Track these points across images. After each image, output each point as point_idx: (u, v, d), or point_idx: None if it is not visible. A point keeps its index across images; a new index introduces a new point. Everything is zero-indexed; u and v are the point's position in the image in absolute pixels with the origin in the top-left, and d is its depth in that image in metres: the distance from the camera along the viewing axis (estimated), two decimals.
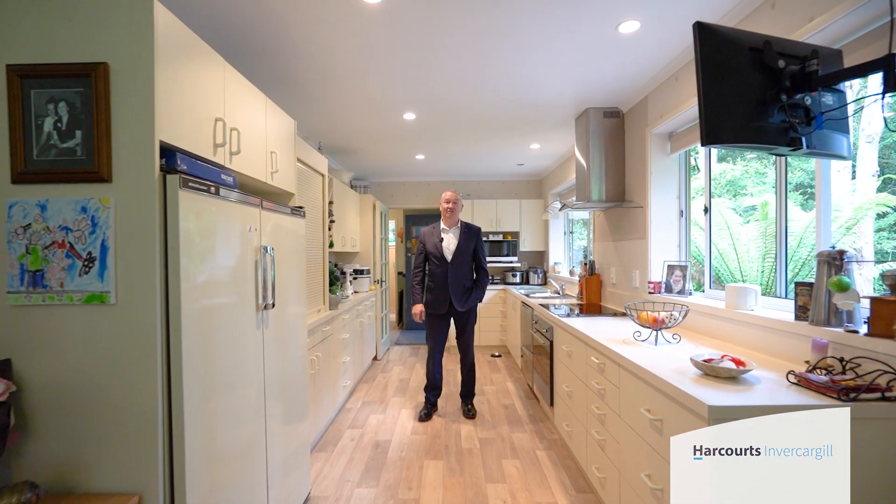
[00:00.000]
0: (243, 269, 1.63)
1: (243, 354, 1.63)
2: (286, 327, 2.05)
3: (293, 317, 2.16)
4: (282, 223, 2.02)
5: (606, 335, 2.27)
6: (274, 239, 1.91)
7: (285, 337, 2.04)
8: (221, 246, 1.49)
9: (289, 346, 2.09)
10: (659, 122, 2.70)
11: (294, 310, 2.17)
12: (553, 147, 4.51)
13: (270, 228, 1.88)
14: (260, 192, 2.18)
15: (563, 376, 2.78)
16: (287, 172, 2.24)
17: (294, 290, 2.17)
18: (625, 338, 2.17)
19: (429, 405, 3.51)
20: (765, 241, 4.35)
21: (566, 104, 3.27)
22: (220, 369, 1.47)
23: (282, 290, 1.98)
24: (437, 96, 3.08)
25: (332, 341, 3.27)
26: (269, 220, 1.86)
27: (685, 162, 2.81)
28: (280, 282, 1.96)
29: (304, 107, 3.26)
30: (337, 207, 4.16)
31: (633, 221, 3.08)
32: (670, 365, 1.68)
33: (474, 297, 3.42)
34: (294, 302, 2.17)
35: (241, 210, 1.62)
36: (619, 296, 3.33)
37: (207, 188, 1.39)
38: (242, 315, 1.62)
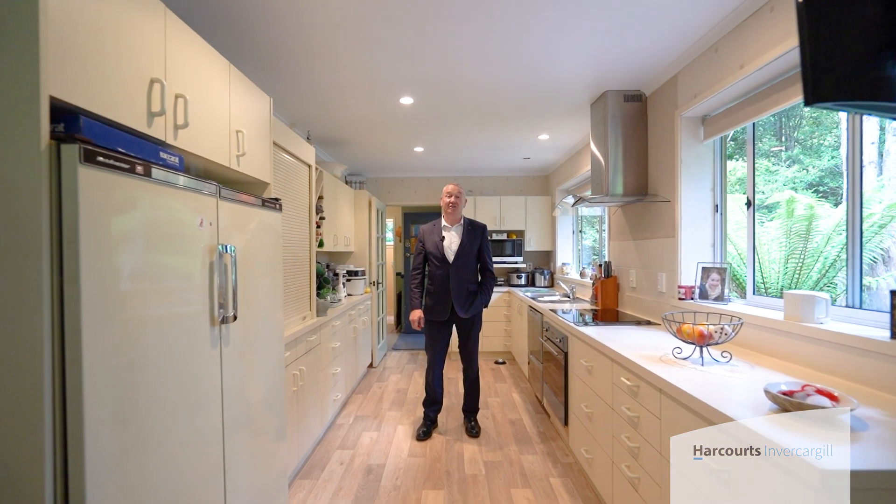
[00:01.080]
0: (191, 274, 1.28)
1: (192, 381, 1.29)
2: (255, 342, 1.70)
3: (266, 329, 1.81)
4: (250, 217, 1.67)
5: (636, 349, 1.92)
6: (238, 236, 1.56)
7: (254, 353, 1.69)
8: (155, 243, 1.14)
9: (259, 364, 1.74)
10: (692, 103, 2.35)
11: (267, 320, 1.82)
12: (563, 138, 4.16)
13: (233, 223, 1.53)
14: (224, 181, 1.83)
15: (581, 394, 2.44)
16: (259, 158, 1.89)
17: (267, 298, 1.82)
18: (661, 354, 1.82)
19: (428, 422, 3.16)
20: (789, 240, 3.99)
21: (581, 86, 2.92)
22: (152, 404, 1.12)
23: (249, 298, 1.64)
24: (437, 76, 2.74)
25: (319, 352, 2.92)
26: (231, 212, 1.52)
27: (720, 149, 2.46)
28: (247, 288, 1.61)
29: (287, 87, 2.91)
30: (328, 203, 3.81)
31: (659, 218, 2.73)
32: (730, 394, 1.33)
33: (479, 302, 3.07)
34: (267, 311, 1.82)
35: (187, 199, 1.27)
36: (640, 301, 2.98)
37: (131, 166, 1.04)
38: (190, 331, 1.28)
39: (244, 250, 1.62)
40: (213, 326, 1.39)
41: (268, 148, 1.99)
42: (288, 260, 2.50)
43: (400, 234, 7.62)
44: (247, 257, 1.65)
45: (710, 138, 2.42)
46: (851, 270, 1.62)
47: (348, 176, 5.73)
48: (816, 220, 3.88)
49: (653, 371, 1.58)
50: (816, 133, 4.39)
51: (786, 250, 4.11)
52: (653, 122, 2.83)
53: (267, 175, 1.97)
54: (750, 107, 2.08)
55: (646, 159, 2.90)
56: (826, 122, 4.13)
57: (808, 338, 1.60)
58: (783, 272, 4.01)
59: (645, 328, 2.49)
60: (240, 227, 1.59)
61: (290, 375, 2.38)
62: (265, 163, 1.95)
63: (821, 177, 4.27)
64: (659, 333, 2.32)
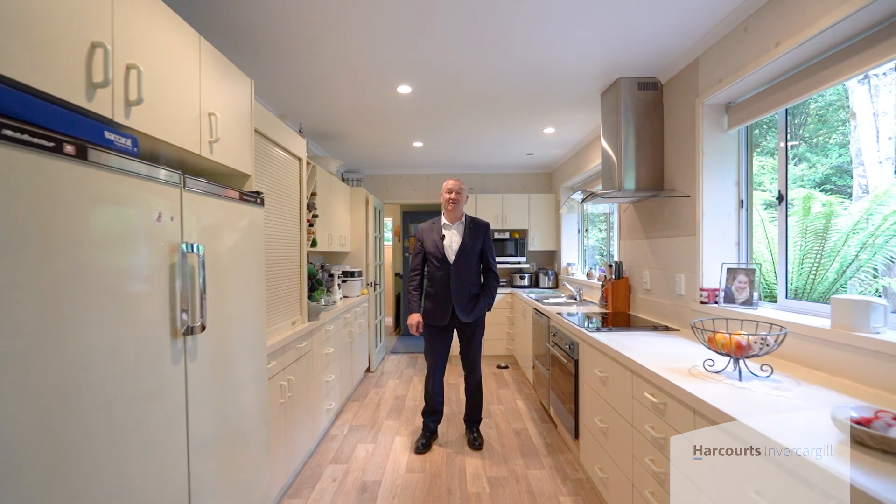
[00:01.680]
0: (146, 278, 1.08)
1: (147, 403, 1.08)
2: (231, 353, 1.50)
3: (244, 338, 1.61)
4: (225, 212, 1.47)
5: (658, 360, 1.72)
6: (209, 234, 1.36)
7: (229, 367, 1.49)
8: (92, 240, 0.94)
9: (236, 378, 1.54)
10: (715, 89, 2.15)
11: (246, 329, 1.62)
12: (570, 132, 3.96)
13: (202, 218, 1.33)
14: (200, 173, 1.63)
15: (595, 407, 2.23)
16: (237, 146, 1.69)
17: (246, 303, 1.62)
18: (689, 366, 1.62)
19: (427, 433, 2.96)
20: (804, 239, 3.79)
21: (592, 74, 2.71)
22: (93, 434, 0.92)
23: (223, 305, 1.44)
24: (437, 62, 2.53)
25: (311, 358, 2.72)
26: (199, 206, 1.31)
27: (746, 140, 2.26)
28: (220, 293, 1.41)
29: (274, 75, 2.71)
30: (322, 200, 3.61)
31: (677, 214, 2.53)
32: (783, 419, 1.13)
33: (482, 305, 2.87)
34: (246, 318, 1.62)
35: (140, 188, 1.07)
36: (655, 304, 2.78)
37: (57, 145, 0.84)
38: (143, 346, 1.07)
39: (217, 250, 1.42)
40: (175, 339, 1.19)
41: (248, 135, 1.78)
42: (275, 260, 2.30)
43: (399, 234, 7.42)
44: (220, 258, 1.44)
45: (735, 127, 2.21)
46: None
47: (345, 173, 5.53)
48: (835, 218, 3.68)
49: (684, 387, 1.38)
50: (822, 131, 4.23)
51: (800, 251, 3.92)
52: (669, 111, 2.63)
53: (247, 166, 1.77)
54: (784, 90, 1.88)
55: (661, 152, 2.70)
56: (832, 121, 3.96)
57: (862, 349, 1.39)
58: (797, 273, 3.82)
59: (663, 334, 2.29)
60: (211, 223, 1.39)
61: (278, 386, 2.18)
62: (244, 152, 1.75)
63: (828, 175, 4.08)
64: (680, 341, 2.12)
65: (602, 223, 5.01)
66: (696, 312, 2.29)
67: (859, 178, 3.77)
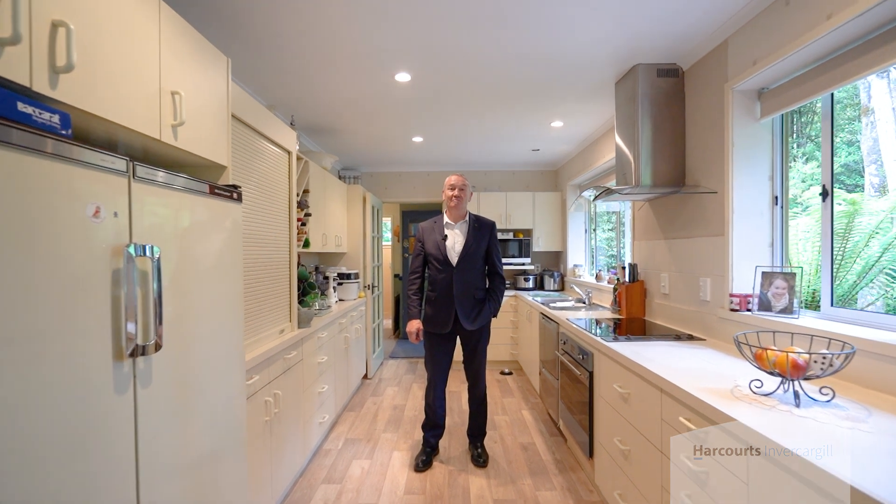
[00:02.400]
0: (76, 288, 0.86)
1: (78, 445, 0.86)
2: (198, 374, 1.28)
3: (216, 355, 1.39)
4: (191, 208, 1.25)
5: (691, 377, 1.50)
6: (168, 233, 1.14)
7: (196, 390, 1.27)
8: None
9: (205, 402, 1.32)
10: (748, 72, 1.93)
11: (218, 344, 1.40)
12: (579, 126, 3.74)
13: (159, 215, 1.11)
14: (164, 163, 1.41)
15: (613, 425, 2.01)
16: (210, 132, 1.47)
17: (218, 314, 1.40)
18: (731, 386, 1.40)
19: (428, 449, 2.74)
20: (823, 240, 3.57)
21: (606, 60, 2.50)
22: None
23: (189, 317, 1.22)
24: (438, 47, 2.32)
25: (301, 369, 2.50)
26: (156, 200, 1.10)
27: (781, 129, 2.04)
28: (184, 303, 1.20)
29: (260, 60, 2.49)
30: (316, 198, 3.39)
31: (700, 212, 2.31)
32: (870, 461, 0.91)
33: (487, 311, 2.65)
34: (218, 331, 1.40)
35: (70, 175, 0.85)
36: (675, 311, 2.56)
37: None
38: (73, 373, 0.85)
39: (181, 252, 1.20)
40: (120, 362, 0.97)
41: (223, 121, 1.56)
42: (260, 263, 2.09)
43: (398, 234, 7.20)
44: (185, 261, 1.23)
45: (769, 115, 2.00)
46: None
47: (341, 171, 5.32)
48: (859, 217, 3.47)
49: (733, 415, 1.16)
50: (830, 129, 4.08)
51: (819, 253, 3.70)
52: (692, 100, 2.41)
53: (222, 156, 1.54)
54: (830, 72, 1.66)
55: (683, 144, 2.48)
56: (838, 119, 3.81)
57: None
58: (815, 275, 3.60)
59: (688, 345, 2.07)
60: (172, 220, 1.17)
61: (262, 403, 1.97)
62: (219, 140, 1.53)
63: (837, 174, 3.92)
64: (710, 353, 1.90)
65: (607, 223, 4.79)
66: (726, 321, 2.07)
67: (871, 176, 3.56)
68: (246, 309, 1.93)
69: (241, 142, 1.93)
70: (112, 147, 1.30)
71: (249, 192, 1.99)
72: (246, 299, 1.93)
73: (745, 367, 1.64)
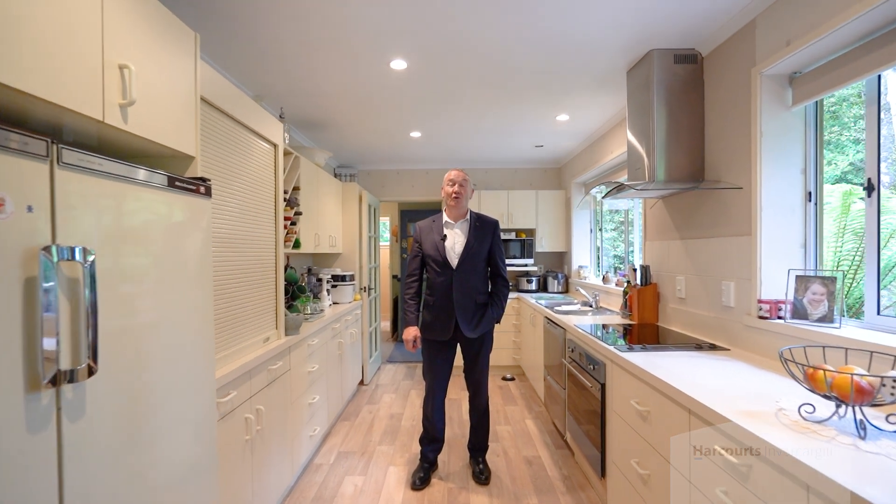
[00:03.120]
0: None
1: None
2: (152, 398, 1.09)
3: (179, 373, 1.20)
4: (143, 203, 1.06)
5: (722, 396, 1.31)
6: (112, 232, 0.95)
7: (149, 418, 1.08)
8: None
9: (164, 431, 1.13)
10: (780, 54, 1.74)
11: (181, 361, 1.21)
12: (585, 119, 3.55)
13: (98, 211, 0.92)
14: (120, 152, 1.22)
15: (630, 445, 1.82)
16: (171, 116, 1.28)
17: (181, 326, 1.21)
18: (775, 408, 1.21)
19: (425, 464, 2.55)
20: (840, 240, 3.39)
21: (617, 46, 2.31)
22: None
23: (139, 332, 1.03)
24: (436, 31, 2.13)
25: (289, 380, 2.31)
26: (91, 192, 0.91)
27: (815, 118, 1.85)
28: (135, 316, 1.01)
29: (242, 45, 2.30)
30: (307, 196, 3.20)
31: (722, 210, 2.12)
32: None
33: (489, 316, 2.46)
34: (182, 346, 1.21)
35: None
36: (693, 316, 2.37)
37: None
38: None
39: (128, 255, 1.01)
40: (36, 392, 0.78)
41: (190, 106, 1.37)
42: (240, 266, 1.90)
43: (396, 234, 7.01)
44: (134, 266, 1.04)
45: (802, 103, 1.81)
46: None
47: (337, 168, 5.13)
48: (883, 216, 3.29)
49: (787, 451, 0.97)
50: (836, 128, 3.94)
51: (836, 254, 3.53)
52: (712, 87, 2.22)
53: (188, 144, 1.35)
54: (879, 50, 1.46)
55: (701, 136, 2.29)
56: (845, 118, 3.68)
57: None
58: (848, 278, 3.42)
59: (712, 356, 1.88)
60: (116, 217, 0.98)
61: (241, 420, 1.78)
62: (185, 126, 1.34)
63: (844, 172, 3.80)
64: (738, 366, 1.71)
65: (609, 222, 4.60)
66: (754, 330, 1.88)
67: (882, 175, 3.38)
68: (223, 317, 1.74)
69: (218, 132, 1.74)
70: (56, 133, 1.11)
71: (227, 188, 1.80)
72: (222, 306, 1.74)
73: (783, 384, 1.45)
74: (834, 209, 3.70)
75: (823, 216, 1.85)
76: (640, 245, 3.66)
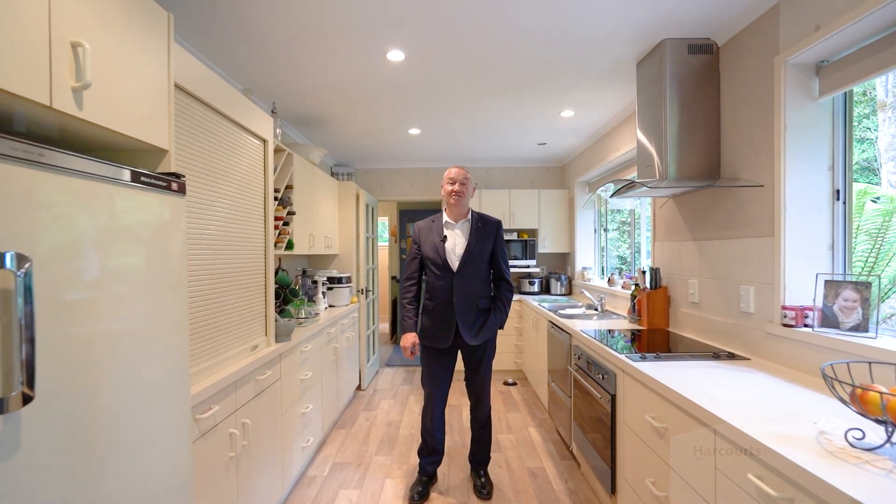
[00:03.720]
0: None
1: None
2: (111, 426, 0.96)
3: (146, 393, 1.07)
4: (100, 201, 0.93)
5: (750, 414, 1.18)
6: (58, 235, 0.82)
7: (107, 447, 0.95)
8: None
9: (126, 459, 1.00)
10: (809, 41, 1.61)
11: (147, 379, 1.08)
12: (591, 116, 3.42)
13: (37, 209, 0.79)
14: (85, 145, 1.09)
15: (646, 464, 1.69)
16: (141, 106, 1.14)
17: (145, 340, 1.08)
18: (812, 432, 1.08)
19: (424, 478, 2.42)
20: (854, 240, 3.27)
21: (627, 35, 2.18)
22: None
23: (94, 350, 0.90)
24: (435, 18, 2.00)
25: (279, 389, 2.18)
26: (28, 187, 0.77)
27: (844, 109, 1.72)
28: (87, 330, 0.87)
29: (233, 35, 2.17)
30: (301, 194, 3.07)
31: (742, 209, 1.99)
32: None
33: (492, 322, 2.32)
34: (149, 362, 1.08)
35: None
36: (707, 322, 2.24)
37: None
38: None
39: (79, 260, 0.88)
40: None
41: (162, 93, 1.24)
42: (224, 269, 1.76)
43: (395, 234, 6.88)
44: (87, 272, 0.90)
45: (830, 94, 1.67)
46: None
47: (334, 167, 4.99)
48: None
49: (836, 485, 0.84)
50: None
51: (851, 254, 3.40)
52: (729, 79, 2.09)
53: (160, 137, 1.22)
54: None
55: (717, 131, 2.16)
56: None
57: None
58: None
59: (731, 365, 1.75)
60: (65, 217, 0.85)
61: (224, 437, 1.65)
62: (156, 116, 1.20)
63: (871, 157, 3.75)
64: (760, 377, 1.57)
65: (610, 222, 4.47)
66: (776, 338, 1.75)
67: (889, 173, 3.25)
68: (204, 325, 1.61)
69: (200, 125, 1.61)
70: (5, 124, 0.98)
71: (210, 186, 1.67)
72: (204, 314, 1.60)
73: (816, 400, 1.32)
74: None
75: (852, 216, 1.72)
76: (646, 246, 3.53)
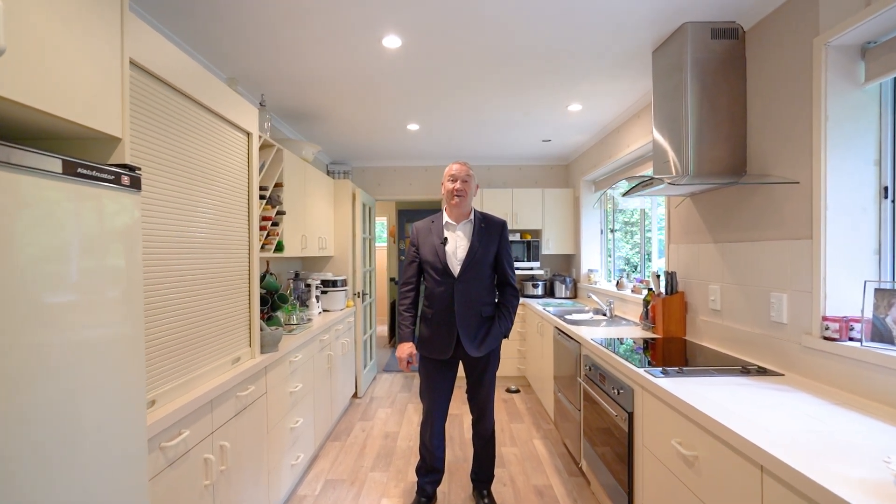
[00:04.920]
0: None
1: None
2: (31, 470, 0.78)
3: (90, 422, 0.88)
4: (23, 198, 0.74)
5: (800, 447, 1.00)
6: None
7: (41, 493, 0.76)
8: None
9: None
10: (857, 18, 1.43)
11: (88, 408, 0.90)
12: (599, 110, 3.23)
13: None
14: (18, 131, 0.91)
15: (671, 495, 1.51)
16: (83, 84, 0.96)
17: (86, 363, 0.90)
18: (889, 475, 0.90)
19: (423, 498, 2.23)
20: None
21: (643, 19, 2.00)
22: None
23: (17, 378, 0.71)
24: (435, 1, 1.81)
25: (264, 405, 2.00)
26: None
27: (894, 97, 1.53)
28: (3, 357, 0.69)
29: (216, 19, 1.98)
30: (292, 193, 2.88)
31: (772, 208, 1.81)
32: None
33: (496, 332, 2.14)
34: (88, 389, 0.90)
35: None
36: (730, 331, 2.06)
37: None
38: None
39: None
40: None
41: (114, 72, 1.05)
42: (199, 275, 1.58)
43: (394, 235, 6.70)
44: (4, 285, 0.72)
45: (878, 79, 1.49)
46: None
47: (329, 165, 4.81)
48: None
49: None
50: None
51: None
52: (757, 65, 1.90)
53: (111, 123, 1.03)
54: None
55: (743, 122, 1.98)
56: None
57: None
58: None
59: (764, 382, 1.57)
60: None
61: (199, 464, 1.46)
62: (105, 98, 1.02)
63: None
64: (801, 398, 1.39)
65: (617, 222, 4.28)
66: (815, 352, 1.57)
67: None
68: (173, 340, 1.42)
69: (170, 114, 1.43)
70: None
71: (180, 182, 1.49)
72: (173, 327, 1.42)
73: (873, 427, 1.14)
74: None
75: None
76: (658, 248, 3.35)
